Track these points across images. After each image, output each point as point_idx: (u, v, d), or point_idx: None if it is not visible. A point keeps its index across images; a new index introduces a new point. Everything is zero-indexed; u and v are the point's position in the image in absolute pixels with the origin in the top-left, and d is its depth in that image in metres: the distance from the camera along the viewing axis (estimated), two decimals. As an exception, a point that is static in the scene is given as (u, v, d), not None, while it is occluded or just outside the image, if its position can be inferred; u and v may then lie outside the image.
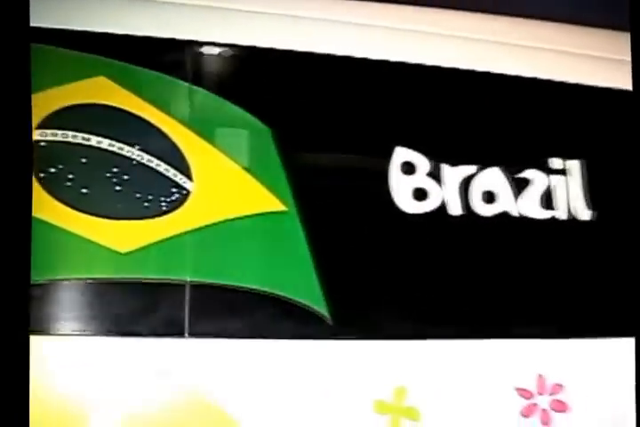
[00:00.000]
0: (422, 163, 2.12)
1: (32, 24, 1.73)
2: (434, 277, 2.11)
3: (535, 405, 2.12)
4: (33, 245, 1.75)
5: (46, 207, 1.86)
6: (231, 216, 1.96)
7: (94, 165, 1.91)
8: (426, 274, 2.10)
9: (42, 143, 1.89)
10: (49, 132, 1.89)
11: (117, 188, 1.93)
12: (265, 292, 1.96)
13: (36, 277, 1.81)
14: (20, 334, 1.42)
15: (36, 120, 1.91)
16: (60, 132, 1.91)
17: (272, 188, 2.01)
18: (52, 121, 1.90)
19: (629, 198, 2.14)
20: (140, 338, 1.85)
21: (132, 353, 1.82)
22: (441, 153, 2.11)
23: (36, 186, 1.87)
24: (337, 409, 1.95)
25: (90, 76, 1.96)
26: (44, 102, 1.92)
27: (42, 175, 1.87)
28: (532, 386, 2.12)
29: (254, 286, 1.96)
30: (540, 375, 2.12)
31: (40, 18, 1.84)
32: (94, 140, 1.92)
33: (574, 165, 2.23)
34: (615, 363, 2.16)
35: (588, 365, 2.16)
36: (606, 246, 2.23)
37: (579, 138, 2.25)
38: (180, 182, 1.96)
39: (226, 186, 1.99)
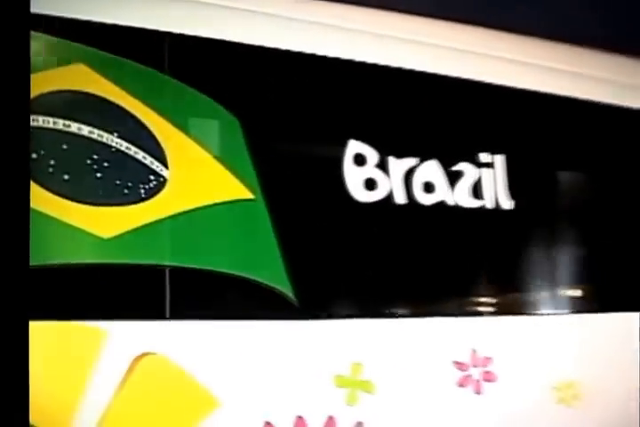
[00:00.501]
0: (372, 155, 2.66)
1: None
2: (382, 260, 2.65)
3: (469, 376, 2.72)
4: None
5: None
6: (204, 203, 2.34)
7: (75, 151, 2.23)
8: (375, 258, 2.64)
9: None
10: (35, 117, 2.21)
11: (98, 174, 2.26)
12: (235, 275, 2.41)
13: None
14: (20, 322, 1.71)
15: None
16: (41, 117, 2.19)
17: (240, 177, 2.41)
18: (34, 106, 2.21)
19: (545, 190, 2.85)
20: (123, 321, 2.22)
21: (117, 335, 2.18)
22: (388, 146, 2.67)
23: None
24: (301, 384, 2.44)
25: (70, 62, 2.28)
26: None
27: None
28: (466, 359, 2.74)
29: (226, 270, 2.39)
30: (474, 350, 2.74)
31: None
32: (75, 127, 2.23)
33: (498, 160, 2.88)
34: (535, 338, 2.84)
35: (512, 340, 2.81)
36: (525, 232, 2.90)
37: (503, 135, 2.90)
38: (157, 170, 2.32)
39: (199, 174, 2.35)
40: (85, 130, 2.17)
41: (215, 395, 2.20)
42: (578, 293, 2.87)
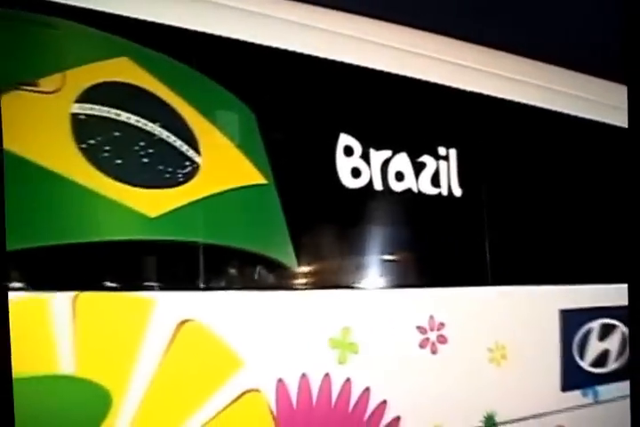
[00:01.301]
0: (357, 147, 3.06)
1: (68, 2, 2.31)
2: (363, 239, 3.07)
3: (428, 339, 3.21)
4: (74, 209, 2.34)
5: (87, 175, 2.39)
6: (229, 187, 2.67)
7: (125, 138, 2.47)
8: (360, 235, 3.05)
9: (81, 116, 2.41)
10: (87, 106, 2.40)
11: (145, 160, 2.51)
12: (251, 251, 2.73)
13: (78, 239, 2.37)
14: None
15: (73, 94, 2.43)
16: (96, 106, 2.42)
17: (256, 163, 2.74)
18: (88, 96, 2.40)
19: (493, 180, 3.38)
20: (167, 291, 2.50)
21: (162, 304, 2.46)
22: (369, 140, 3.07)
23: (78, 156, 2.40)
24: (303, 346, 2.81)
25: (115, 56, 2.51)
26: (79, 78, 2.41)
27: (83, 146, 2.39)
28: (424, 324, 3.22)
29: (244, 247, 2.71)
30: (431, 316, 3.23)
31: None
32: (124, 116, 2.47)
33: (452, 153, 3.36)
34: (476, 307, 3.36)
35: (460, 308, 3.32)
36: (472, 215, 3.42)
37: (456, 133, 3.39)
38: (192, 157, 2.60)
39: (224, 161, 2.67)
40: (133, 119, 2.42)
41: (239, 355, 2.54)
42: (512, 268, 3.43)
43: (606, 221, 3.73)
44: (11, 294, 2.07)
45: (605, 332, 3.76)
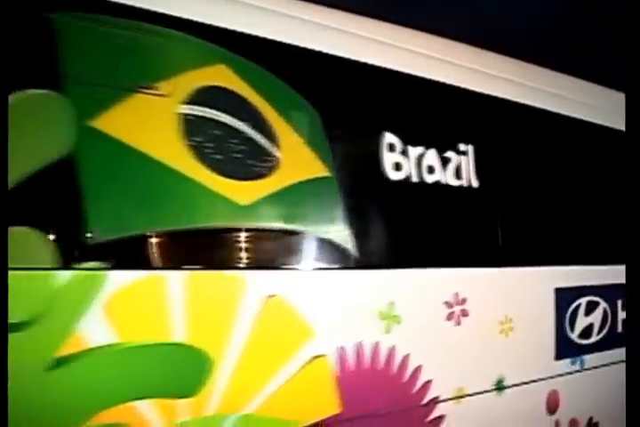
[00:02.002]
0: (395, 144, 3.49)
1: (177, 14, 2.67)
2: (404, 224, 3.50)
3: (453, 312, 3.67)
4: (183, 198, 2.71)
5: (193, 169, 2.75)
6: (302, 179, 3.07)
7: (221, 136, 2.84)
8: (401, 222, 3.48)
9: (187, 116, 2.76)
10: (192, 107, 2.75)
11: (238, 155, 2.89)
12: (318, 235, 3.13)
13: (187, 225, 2.74)
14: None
15: (181, 97, 2.77)
16: (199, 108, 2.78)
17: (321, 158, 3.15)
18: (193, 98, 2.76)
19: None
20: (254, 270, 2.88)
21: (251, 281, 2.83)
22: (407, 138, 3.50)
23: (186, 153, 2.76)
24: (358, 318, 3.24)
25: (214, 63, 2.86)
26: (186, 82, 2.77)
27: (190, 143, 2.75)
28: (451, 300, 3.67)
29: (313, 231, 3.11)
30: (456, 293, 3.68)
31: (185, 10, 2.74)
32: (222, 117, 2.84)
33: (470, 149, 3.82)
34: (491, 285, 3.84)
35: (479, 285, 3.79)
36: (487, 202, 3.88)
37: (473, 131, 3.85)
38: (274, 152, 2.99)
39: (298, 156, 3.07)
40: (228, 119, 2.80)
41: (310, 325, 2.96)
42: (519, 251, 3.92)
43: (595, 212, 4.26)
44: (137, 273, 2.44)
45: (590, 308, 4.29)
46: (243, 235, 2.79)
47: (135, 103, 2.53)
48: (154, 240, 2.56)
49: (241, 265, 2.78)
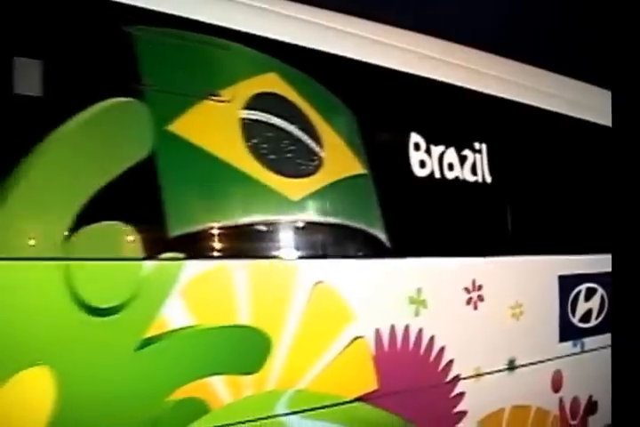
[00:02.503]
0: (420, 143, 3.81)
1: (235, 27, 2.97)
2: (430, 215, 3.82)
3: (471, 298, 4.00)
4: (244, 196, 3.00)
5: (251, 168, 3.04)
6: (343, 176, 3.37)
7: (276, 138, 3.14)
8: (427, 214, 3.81)
9: (246, 120, 3.05)
10: (250, 112, 3.04)
11: (289, 155, 3.18)
12: (356, 227, 3.44)
13: (245, 219, 3.03)
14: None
15: (241, 103, 3.06)
16: (256, 112, 3.07)
17: (358, 157, 3.46)
18: (250, 104, 3.05)
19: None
20: (303, 259, 3.18)
21: (303, 269, 3.14)
22: (430, 138, 3.83)
23: (246, 153, 3.05)
24: (391, 302, 3.56)
25: (267, 72, 3.16)
26: (245, 90, 3.07)
27: (249, 144, 3.04)
28: (469, 286, 4.01)
29: (354, 224, 3.42)
30: (474, 280, 4.02)
31: (240, 23, 3.04)
32: (275, 121, 3.14)
33: (484, 147, 4.16)
34: (504, 273, 4.19)
35: (493, 273, 4.13)
36: (499, 196, 4.22)
37: (485, 132, 4.19)
38: (319, 153, 3.29)
39: (339, 155, 3.37)
40: (280, 122, 3.11)
41: (351, 309, 3.28)
42: (527, 241, 4.27)
43: (592, 205, 4.63)
44: (207, 263, 2.74)
45: (589, 294, 4.66)
46: (294, 227, 3.09)
47: (204, 109, 2.82)
48: (221, 233, 2.85)
49: (293, 255, 3.07)
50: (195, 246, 2.76)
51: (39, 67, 2.44)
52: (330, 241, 3.23)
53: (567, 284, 4.45)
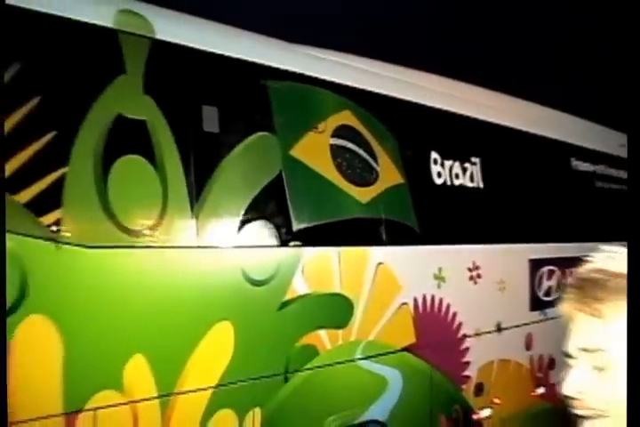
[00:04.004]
0: (437, 159, 5.07)
1: (323, 77, 4.19)
2: (445, 212, 5.08)
3: (472, 275, 5.29)
4: (335, 199, 4.21)
5: (338, 180, 4.21)
6: (391, 184, 4.60)
7: (350, 157, 4.33)
8: (443, 211, 5.07)
9: (333, 145, 4.23)
10: (335, 139, 4.22)
11: (358, 170, 4.38)
12: (390, 219, 4.68)
13: (337, 217, 4.22)
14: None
15: (329, 132, 4.24)
16: (339, 139, 4.25)
17: (399, 171, 4.70)
18: (334, 133, 4.23)
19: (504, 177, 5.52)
20: (371, 246, 4.39)
21: (371, 254, 4.35)
22: (447, 154, 5.11)
23: (333, 169, 4.23)
24: (421, 277, 4.80)
25: (343, 110, 4.35)
26: (332, 122, 4.24)
27: (335, 162, 4.22)
28: (471, 266, 5.29)
29: (399, 220, 4.65)
30: (474, 261, 5.30)
31: (325, 74, 4.23)
32: (349, 145, 4.31)
33: (478, 161, 5.45)
34: (493, 257, 5.49)
35: (486, 256, 5.42)
36: (490, 199, 5.54)
37: (479, 147, 5.50)
38: (375, 167, 4.50)
39: (387, 169, 4.59)
40: (352, 146, 4.33)
41: (399, 282, 4.52)
42: (508, 232, 5.59)
43: (551, 204, 6.00)
44: (316, 249, 3.93)
45: (550, 274, 6.02)
46: (364, 223, 4.31)
47: (309, 138, 4.00)
48: (323, 227, 4.04)
49: (364, 243, 4.29)
50: (308, 237, 3.93)
51: (216, 112, 3.56)
52: (385, 232, 4.44)
53: (535, 266, 5.79)
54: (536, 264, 5.81)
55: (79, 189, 2.97)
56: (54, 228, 2.89)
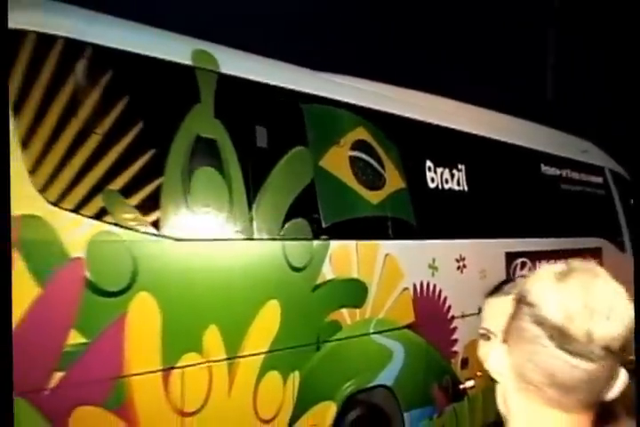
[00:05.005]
0: (431, 166, 6.03)
1: (344, 99, 5.13)
2: (438, 212, 6.04)
3: (459, 265, 6.24)
4: (352, 201, 5.16)
5: (356, 185, 5.13)
6: (395, 189, 5.53)
7: (363, 167, 5.26)
8: (436, 211, 6.02)
9: (351, 157, 5.15)
10: (353, 151, 5.15)
11: (370, 176, 5.30)
12: (395, 217, 5.62)
13: (352, 215, 5.15)
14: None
15: (348, 145, 5.17)
16: (355, 151, 5.19)
17: (401, 177, 5.63)
18: (352, 146, 5.15)
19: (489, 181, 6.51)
20: (380, 240, 5.33)
21: (380, 246, 5.28)
22: (438, 163, 6.06)
23: (351, 176, 5.16)
24: (417, 267, 5.75)
25: (358, 126, 5.27)
26: (350, 137, 5.16)
27: (353, 171, 5.14)
28: (458, 258, 6.25)
29: (401, 217, 5.59)
30: (460, 253, 6.27)
31: (344, 96, 5.16)
32: (363, 156, 5.24)
33: (463, 168, 6.41)
34: (478, 250, 6.46)
35: (470, 249, 6.40)
36: (474, 201, 6.50)
37: (463, 156, 6.46)
38: (383, 173, 5.43)
39: (392, 176, 5.52)
40: (365, 157, 5.27)
41: (402, 270, 5.49)
42: (491, 229, 6.58)
43: (530, 205, 7.01)
44: (339, 241, 4.87)
45: (522, 265, 7.04)
46: (375, 221, 5.26)
47: (333, 151, 4.93)
48: (343, 224, 4.98)
49: (375, 237, 5.24)
50: (334, 232, 4.86)
51: (265, 131, 4.47)
52: (391, 228, 5.39)
53: (510, 258, 6.78)
54: (511, 256, 6.80)
55: (171, 194, 3.85)
56: (155, 224, 3.76)
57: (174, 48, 4.07)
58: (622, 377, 1.24)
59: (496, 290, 2.26)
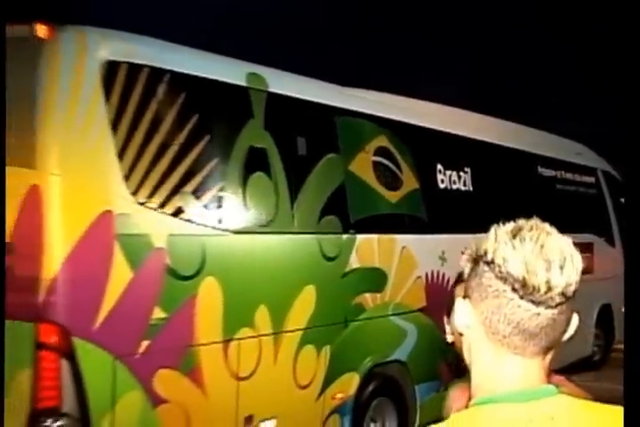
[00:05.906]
0: (441, 169, 6.86)
1: (369, 112, 5.97)
2: (446, 209, 6.87)
3: (444, 258, 7.10)
4: (373, 200, 6.00)
5: (377, 186, 5.95)
6: (412, 189, 6.36)
7: (384, 170, 6.07)
8: (444, 209, 6.85)
9: (374, 162, 5.97)
10: (375, 157, 5.97)
11: (389, 179, 6.12)
12: (410, 215, 6.44)
13: (373, 212, 5.98)
14: None
15: (371, 153, 5.99)
16: (377, 157, 6.00)
17: (415, 178, 6.45)
18: (374, 152, 5.96)
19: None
20: (397, 234, 6.15)
21: (398, 239, 6.09)
22: (447, 166, 6.88)
23: (374, 179, 5.98)
24: (429, 259, 6.58)
25: (381, 135, 6.09)
26: (373, 144, 5.98)
27: (376, 174, 5.96)
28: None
29: (410, 213, 6.42)
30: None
31: (367, 109, 5.99)
32: (384, 160, 6.07)
33: (469, 170, 7.23)
34: (460, 243, 7.29)
35: (453, 244, 7.20)
36: (478, 200, 7.33)
37: (469, 159, 7.28)
38: (401, 177, 6.25)
39: (408, 177, 6.34)
40: (386, 162, 6.11)
41: (415, 260, 6.34)
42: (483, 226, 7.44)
43: (528, 203, 7.87)
44: (363, 235, 5.72)
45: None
46: (393, 218, 6.11)
47: (360, 157, 5.78)
48: (367, 220, 5.82)
49: (393, 232, 6.08)
50: (360, 227, 5.70)
51: (305, 141, 5.31)
52: (407, 224, 6.24)
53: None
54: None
55: (231, 196, 4.68)
56: (218, 220, 4.59)
57: (232, 71, 4.88)
58: (574, 320, 1.38)
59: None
